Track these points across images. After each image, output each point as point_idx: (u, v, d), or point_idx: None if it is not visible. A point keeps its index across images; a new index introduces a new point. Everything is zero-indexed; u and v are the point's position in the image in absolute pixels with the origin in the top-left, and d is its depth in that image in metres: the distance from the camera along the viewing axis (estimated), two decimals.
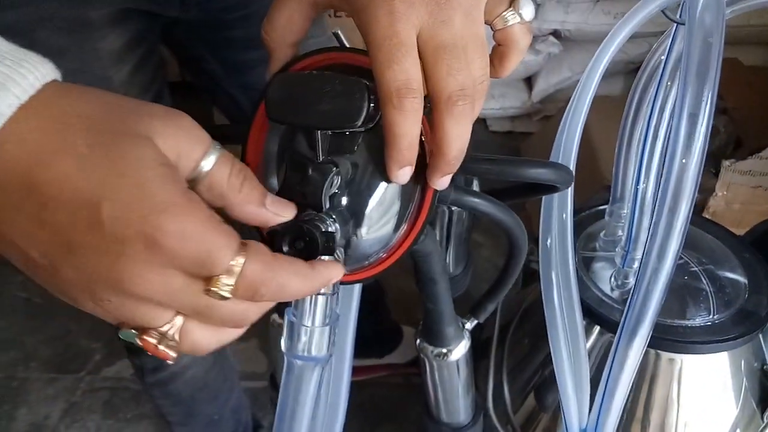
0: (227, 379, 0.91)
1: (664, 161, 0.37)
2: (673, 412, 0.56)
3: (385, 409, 1.15)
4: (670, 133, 0.35)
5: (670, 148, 0.34)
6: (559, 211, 0.38)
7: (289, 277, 0.25)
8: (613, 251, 0.56)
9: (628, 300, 0.36)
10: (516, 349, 0.65)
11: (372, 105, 0.26)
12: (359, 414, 1.13)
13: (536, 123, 1.80)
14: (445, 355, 0.41)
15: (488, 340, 0.66)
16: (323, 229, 0.26)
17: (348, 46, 0.32)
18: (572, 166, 0.37)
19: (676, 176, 0.33)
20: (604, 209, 0.62)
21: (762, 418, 0.54)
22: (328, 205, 0.27)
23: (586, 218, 0.66)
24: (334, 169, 0.27)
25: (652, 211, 0.52)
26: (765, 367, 0.55)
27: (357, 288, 0.39)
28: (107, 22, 0.50)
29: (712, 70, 0.35)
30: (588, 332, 0.55)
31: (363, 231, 0.29)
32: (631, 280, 0.56)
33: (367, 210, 0.29)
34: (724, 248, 0.58)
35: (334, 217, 0.28)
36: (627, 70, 1.73)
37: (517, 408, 0.66)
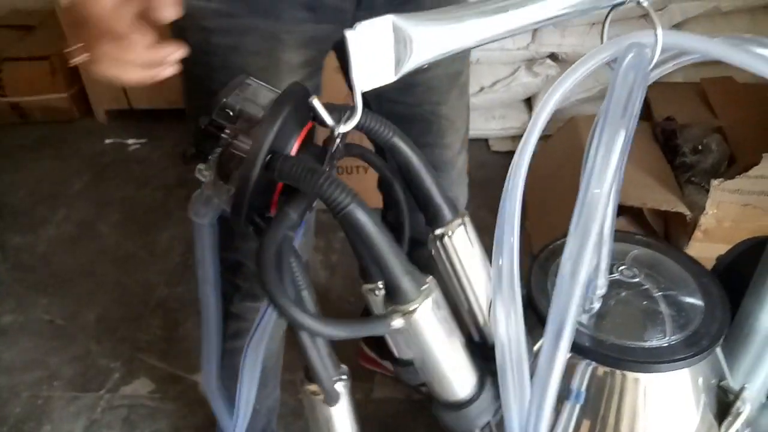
0: (276, 375, 0.98)
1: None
2: (639, 427, 0.60)
3: (390, 425, 1.20)
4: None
5: (584, 178, 0.40)
6: (508, 236, 0.44)
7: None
8: None
9: (548, 314, 0.42)
10: None
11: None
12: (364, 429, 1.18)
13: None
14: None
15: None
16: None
17: (319, 112, 0.40)
18: (516, 222, 0.42)
19: (588, 203, 0.39)
20: None
21: (719, 429, 0.58)
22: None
23: (562, 245, 0.71)
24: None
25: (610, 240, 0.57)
26: (721, 383, 0.59)
27: (208, 231, 0.49)
28: (293, 43, 0.69)
29: (626, 119, 0.41)
30: None
31: None
32: (596, 305, 0.61)
33: None
34: (684, 273, 0.63)
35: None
36: None
37: None
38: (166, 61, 0.45)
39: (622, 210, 1.44)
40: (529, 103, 1.89)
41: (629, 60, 0.45)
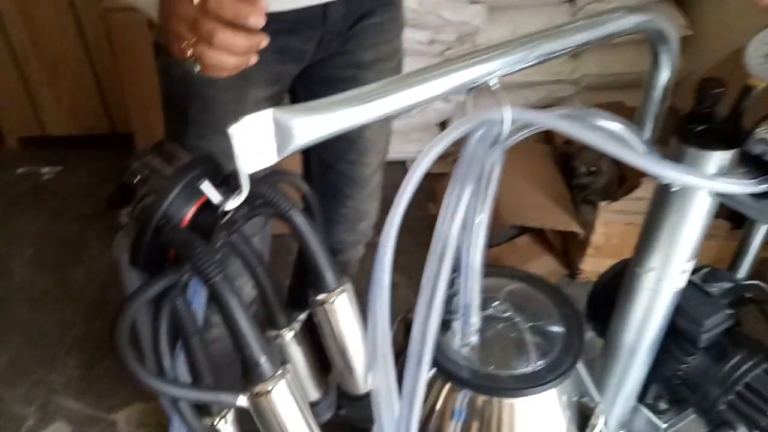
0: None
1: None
2: None
3: None
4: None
5: (438, 221, 0.49)
6: (380, 275, 0.50)
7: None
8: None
9: (410, 339, 0.49)
10: None
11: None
12: None
13: (450, 164, 1.93)
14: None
15: None
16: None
17: (206, 193, 0.46)
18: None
19: (442, 239, 0.48)
20: None
21: None
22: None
23: (452, 281, 0.78)
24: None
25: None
26: (582, 399, 0.68)
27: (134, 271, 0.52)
28: (261, 80, 0.81)
29: (475, 179, 0.50)
30: (440, 387, 0.66)
31: None
32: (474, 339, 0.68)
33: None
34: (549, 304, 0.71)
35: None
36: None
37: None
38: (259, 46, 0.53)
39: (525, 230, 1.55)
40: (443, 127, 2.00)
41: (479, 134, 0.52)
